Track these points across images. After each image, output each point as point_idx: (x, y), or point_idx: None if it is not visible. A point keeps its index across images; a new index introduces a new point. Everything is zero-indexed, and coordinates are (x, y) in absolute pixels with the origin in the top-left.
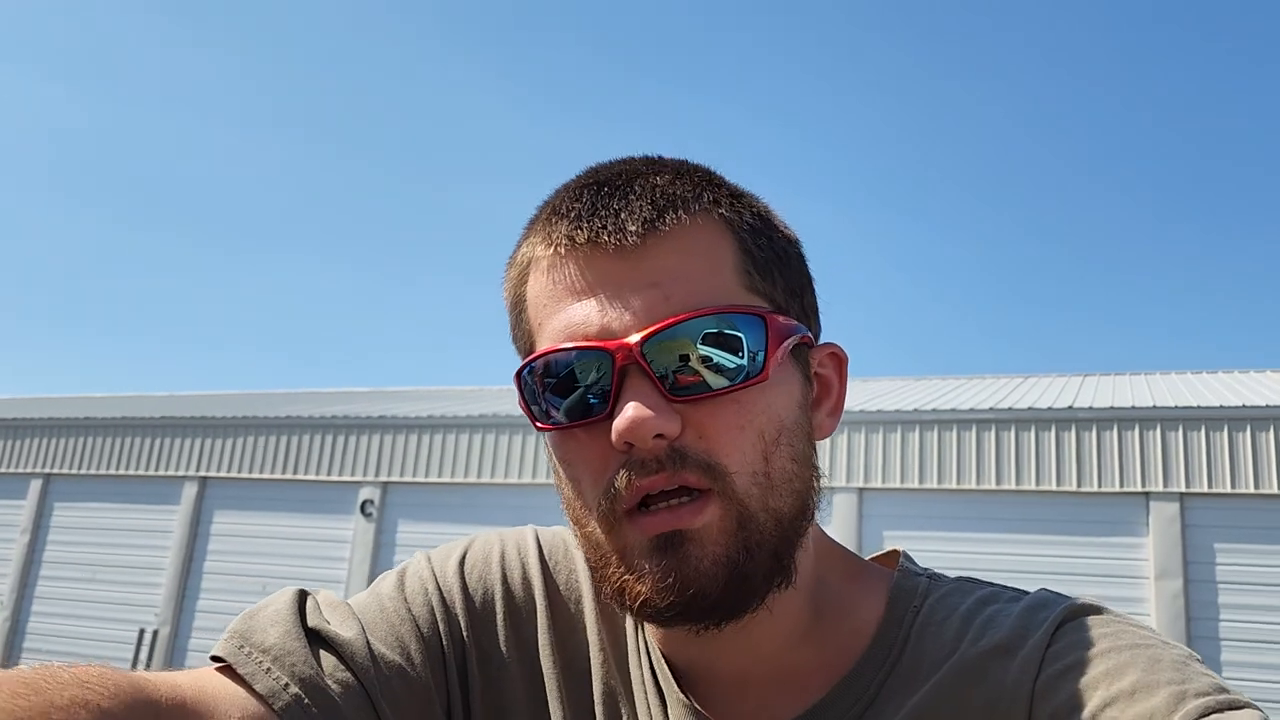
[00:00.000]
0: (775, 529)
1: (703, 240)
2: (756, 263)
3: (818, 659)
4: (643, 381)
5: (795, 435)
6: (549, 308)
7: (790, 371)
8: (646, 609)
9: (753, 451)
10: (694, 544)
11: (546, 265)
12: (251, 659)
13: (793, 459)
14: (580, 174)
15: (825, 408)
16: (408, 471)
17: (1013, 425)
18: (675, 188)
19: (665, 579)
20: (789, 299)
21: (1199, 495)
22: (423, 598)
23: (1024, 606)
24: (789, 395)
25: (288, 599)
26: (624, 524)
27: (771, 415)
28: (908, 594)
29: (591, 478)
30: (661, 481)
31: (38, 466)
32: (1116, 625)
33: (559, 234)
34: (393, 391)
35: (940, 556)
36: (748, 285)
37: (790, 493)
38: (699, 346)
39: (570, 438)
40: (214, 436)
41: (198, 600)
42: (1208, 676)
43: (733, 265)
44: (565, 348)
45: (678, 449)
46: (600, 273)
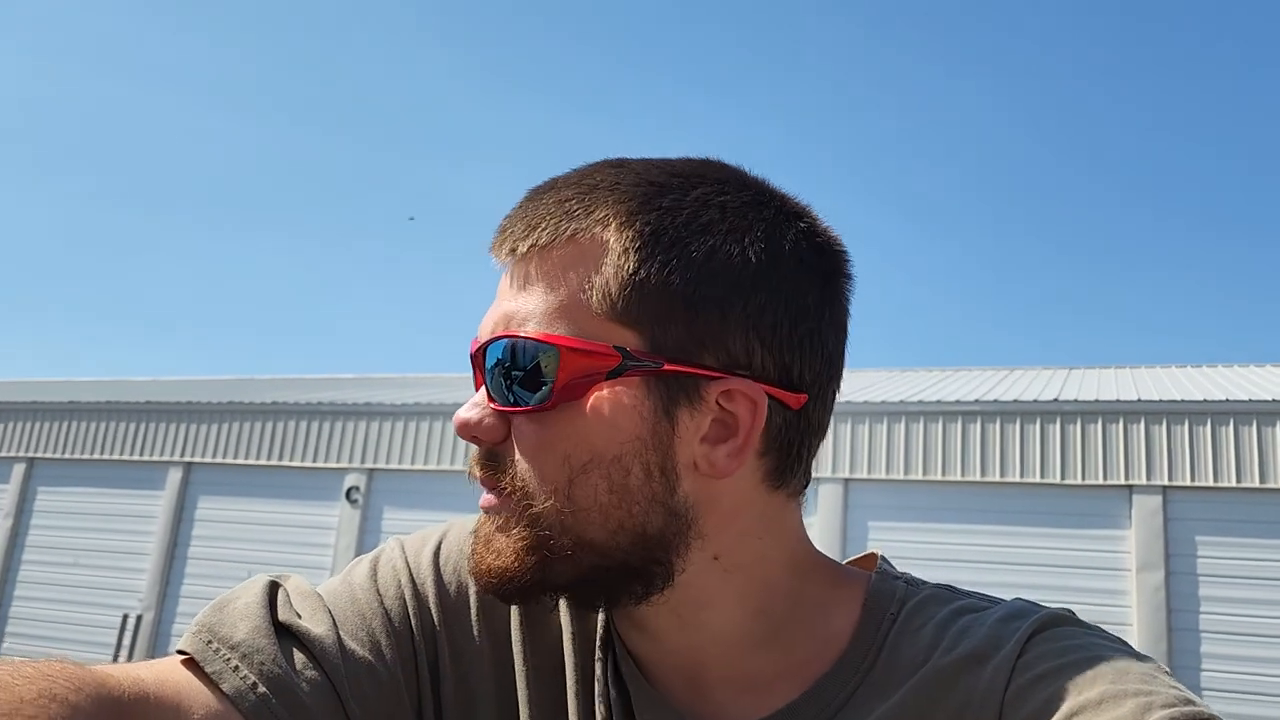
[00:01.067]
0: (578, 549)
1: (563, 261)
2: (628, 285)
3: (783, 664)
4: (482, 385)
5: (617, 468)
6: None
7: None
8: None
9: (555, 474)
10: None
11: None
12: (219, 655)
13: (610, 490)
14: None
15: (725, 447)
16: (393, 459)
17: (998, 417)
18: (566, 204)
19: (474, 553)
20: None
21: (1181, 488)
22: (395, 589)
23: (998, 617)
24: (614, 428)
25: (258, 591)
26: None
27: (580, 442)
28: (884, 600)
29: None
30: (480, 476)
31: (21, 450)
32: (1087, 637)
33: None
34: (379, 378)
35: (924, 548)
36: (604, 310)
37: (604, 520)
38: (505, 367)
39: None
40: (199, 422)
41: (181, 586)
42: (1175, 689)
43: (590, 287)
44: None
45: (494, 453)
46: (500, 277)
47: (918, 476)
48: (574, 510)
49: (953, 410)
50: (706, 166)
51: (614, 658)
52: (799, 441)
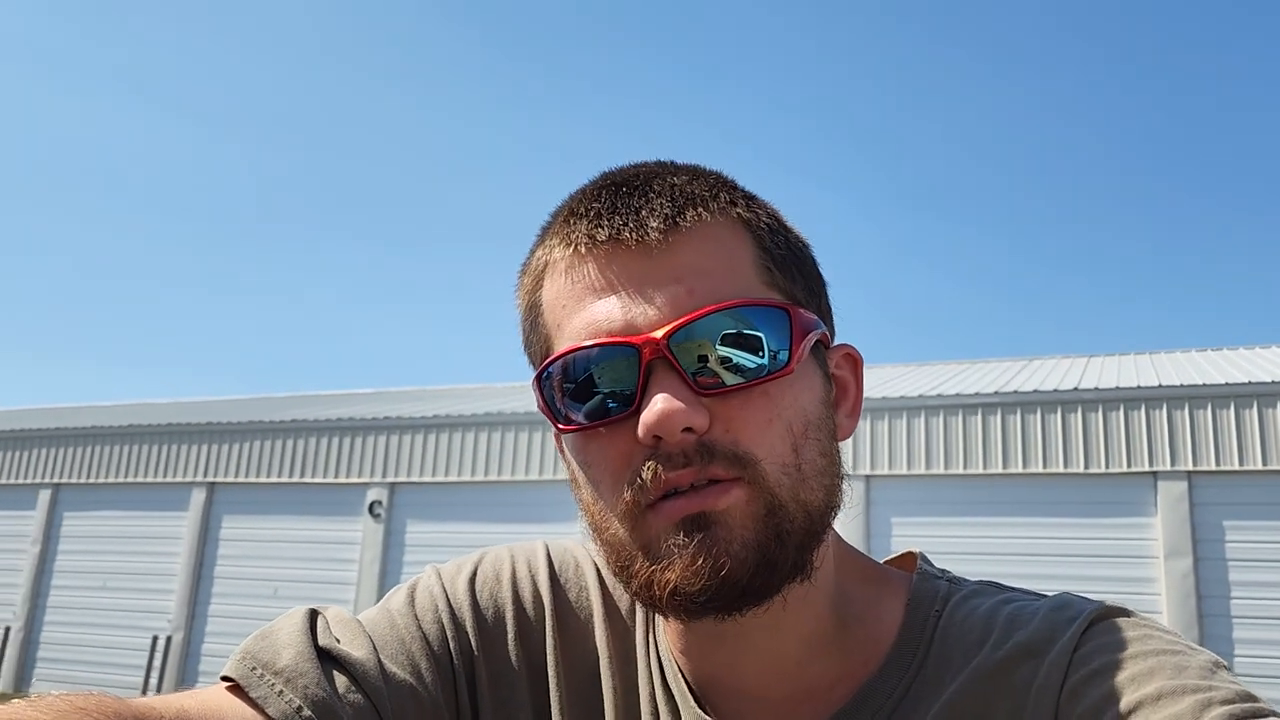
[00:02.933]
0: (804, 520)
1: (722, 238)
2: (775, 261)
3: (839, 669)
4: (670, 376)
5: (821, 431)
6: (569, 308)
7: (813, 368)
8: (677, 597)
9: (782, 444)
10: (721, 526)
11: (565, 266)
12: (264, 681)
13: (821, 454)
14: (594, 178)
15: (844, 408)
16: (414, 472)
17: (1018, 408)
18: (693, 187)
19: (694, 562)
20: (808, 297)
21: (1207, 473)
22: (433, 615)
23: (1048, 608)
24: (813, 391)
25: (299, 619)
26: (648, 515)
27: (798, 409)
28: (928, 598)
29: (614, 475)
30: (690, 475)
31: (46, 477)
32: (1143, 629)
33: (578, 234)
34: (398, 392)
35: (949, 541)
36: (768, 282)
37: (820, 486)
38: (724, 340)
39: (593, 437)
40: (221, 442)
41: (210, 605)
42: (1234, 684)
43: (752, 262)
44: (588, 345)
45: (706, 443)
46: (622, 270)
47: (940, 470)
48: (802, 479)
49: (973, 403)
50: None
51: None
52: None
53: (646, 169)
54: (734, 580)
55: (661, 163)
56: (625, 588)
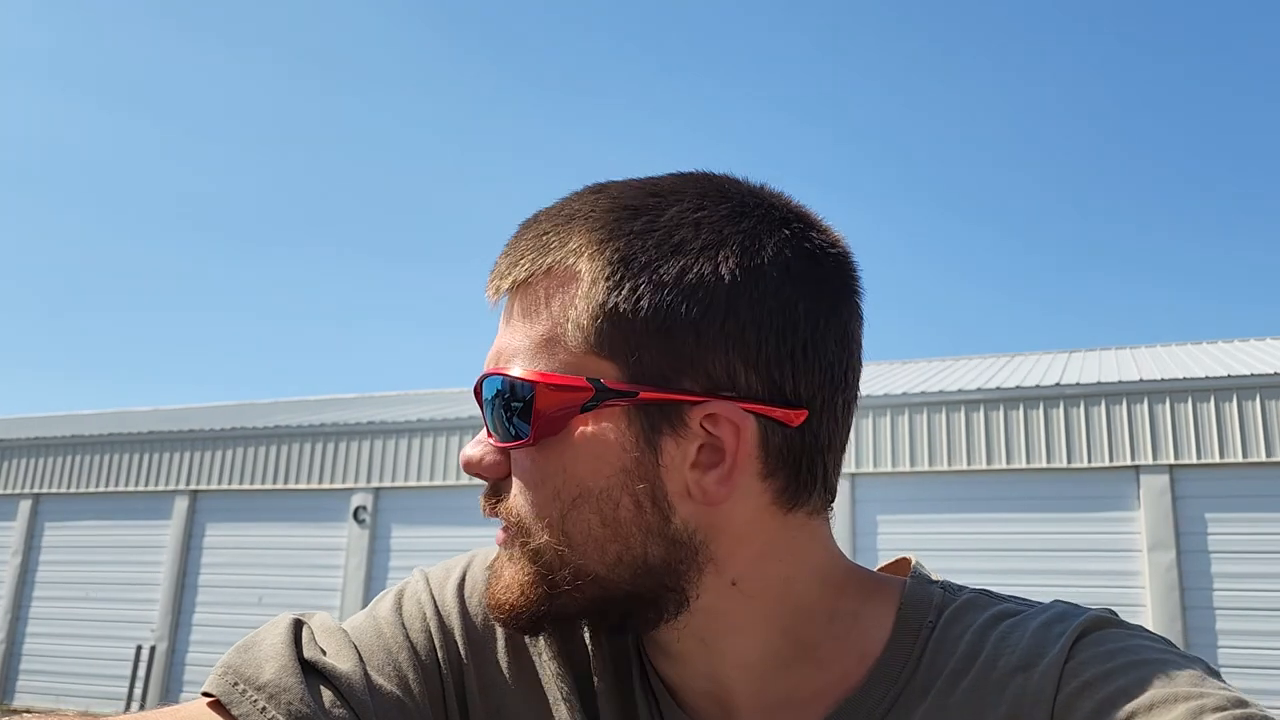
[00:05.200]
0: (580, 580)
1: (543, 296)
2: (605, 314)
3: (819, 680)
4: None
5: (606, 500)
6: None
7: (613, 435)
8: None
9: (550, 507)
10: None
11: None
12: (246, 697)
13: (602, 523)
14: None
15: (715, 473)
16: (399, 476)
17: (1001, 405)
18: (544, 238)
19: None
20: (651, 355)
21: (1188, 466)
22: (421, 623)
23: (1040, 621)
24: (598, 460)
25: (283, 629)
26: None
27: (568, 476)
28: (921, 608)
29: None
30: (488, 509)
31: (26, 487)
32: (1133, 639)
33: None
34: (380, 396)
35: (934, 538)
36: (582, 342)
37: (600, 553)
38: (496, 403)
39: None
40: (203, 449)
41: (194, 615)
42: (1225, 691)
43: (567, 320)
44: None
45: (498, 487)
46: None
47: (924, 468)
48: (570, 544)
49: (955, 400)
50: (688, 181)
51: (647, 683)
52: (808, 459)
53: (538, 214)
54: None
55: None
56: None
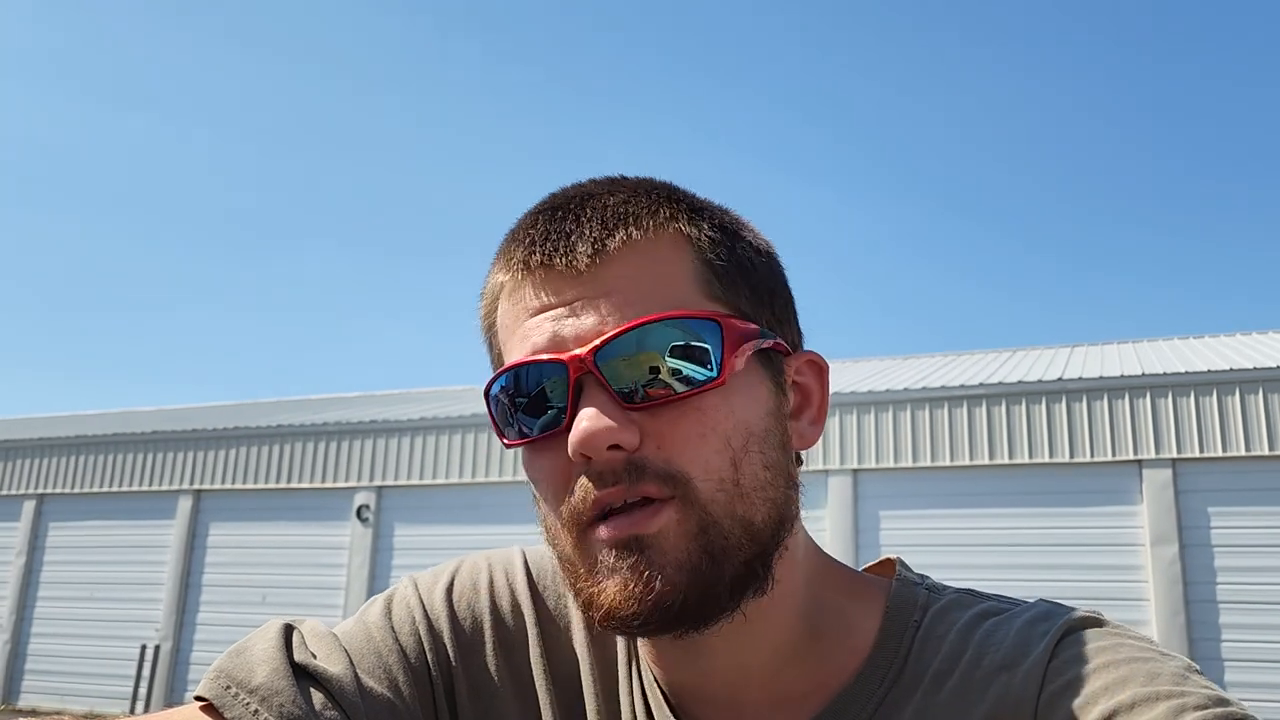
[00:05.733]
0: (744, 536)
1: (656, 254)
2: (716, 272)
3: (814, 678)
4: (598, 392)
5: (767, 443)
6: (510, 328)
7: (758, 378)
8: (612, 619)
9: (718, 459)
10: (653, 550)
11: (509, 290)
12: (238, 700)
13: (765, 466)
14: (538, 201)
15: (806, 416)
16: (401, 475)
17: (1003, 399)
18: (628, 206)
19: (626, 586)
20: (756, 307)
21: (1191, 460)
22: (410, 627)
23: (1024, 620)
24: (757, 402)
25: (273, 634)
26: (588, 534)
27: (737, 422)
28: (906, 607)
29: (555, 491)
30: (618, 494)
31: (31, 487)
32: (1115, 638)
33: (516, 259)
34: (383, 395)
35: (937, 534)
36: (707, 294)
37: (763, 501)
38: (652, 354)
39: (535, 452)
40: (206, 449)
41: (198, 614)
42: (1207, 689)
43: (689, 276)
44: (522, 362)
45: (636, 461)
46: (554, 292)
47: (926, 463)
48: (740, 494)
49: (958, 395)
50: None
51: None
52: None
53: (584, 189)
54: (666, 604)
55: (608, 179)
56: (576, 601)
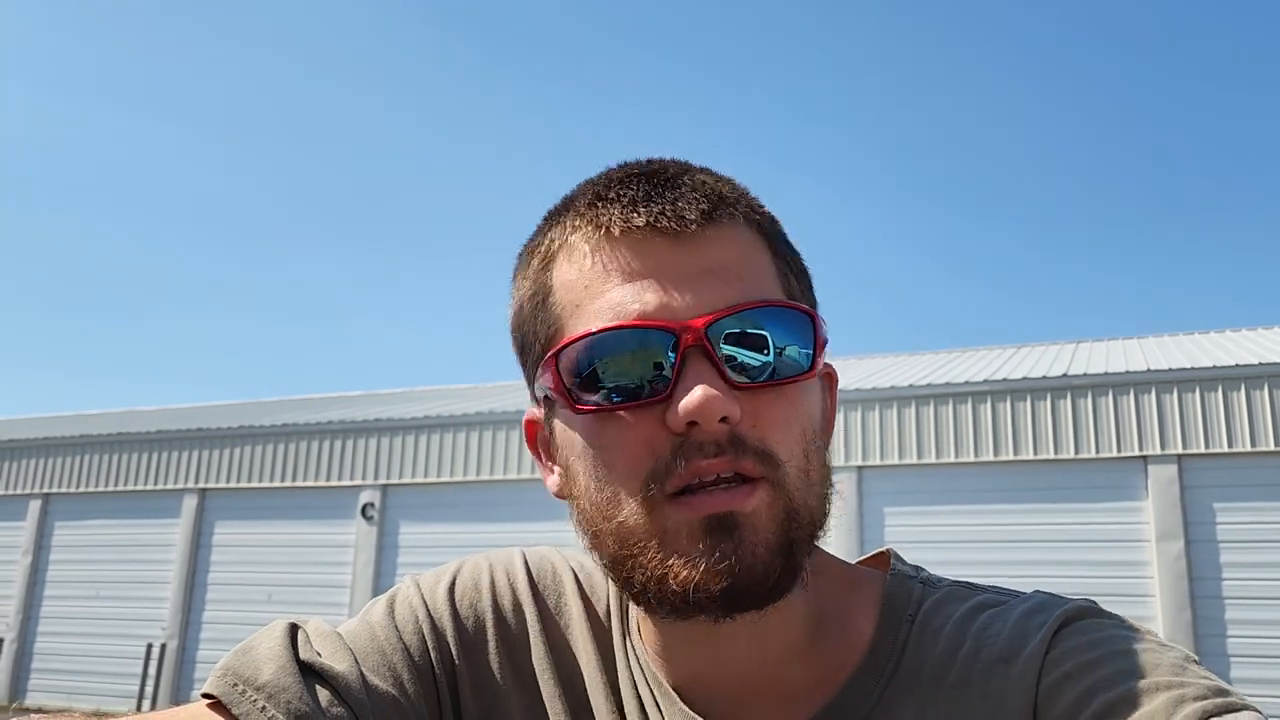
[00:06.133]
0: (811, 526)
1: (746, 241)
2: (789, 270)
3: (818, 672)
4: (705, 365)
5: (822, 439)
6: (593, 289)
7: (817, 379)
8: (697, 594)
9: (797, 447)
10: (748, 529)
11: (590, 249)
12: (245, 697)
13: (823, 463)
14: (615, 168)
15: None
16: (407, 473)
17: (1008, 395)
18: (720, 187)
19: (721, 562)
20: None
21: (1197, 456)
22: (414, 625)
23: (1020, 612)
24: (817, 401)
25: (279, 632)
26: (667, 506)
27: (810, 414)
28: (902, 601)
29: (631, 460)
30: (722, 465)
31: (36, 487)
32: (1113, 629)
33: (608, 217)
34: (388, 393)
35: (941, 530)
36: (785, 289)
37: (822, 494)
38: (759, 336)
39: (614, 420)
40: (211, 447)
41: (204, 612)
42: (1206, 679)
43: (771, 269)
44: (622, 325)
45: (737, 435)
46: (657, 257)
47: (931, 460)
48: (809, 484)
49: (962, 391)
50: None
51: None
52: None
53: (673, 164)
54: (753, 583)
55: (681, 161)
56: (623, 579)
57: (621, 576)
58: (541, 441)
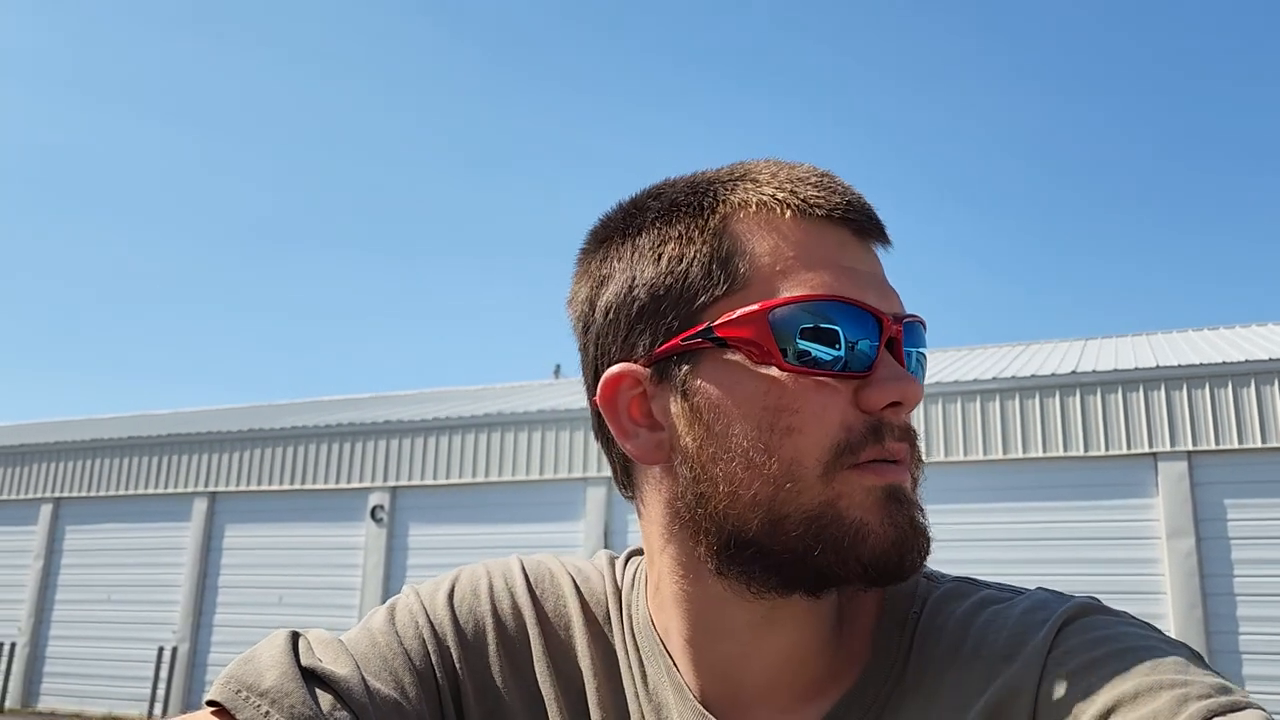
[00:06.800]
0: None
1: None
2: None
3: (832, 668)
4: (894, 356)
5: None
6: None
7: None
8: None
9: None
10: (912, 504)
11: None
12: (249, 703)
13: None
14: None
15: None
16: (415, 475)
17: (1017, 393)
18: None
19: (898, 532)
20: None
21: (1207, 453)
22: (414, 631)
23: (1023, 609)
24: None
25: (280, 641)
26: (846, 475)
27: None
28: (905, 597)
29: (826, 428)
30: (903, 450)
31: (47, 491)
32: (1117, 626)
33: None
34: (396, 396)
35: (952, 528)
36: None
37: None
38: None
39: (817, 386)
40: (221, 451)
41: (215, 615)
42: (1211, 677)
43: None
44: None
45: (908, 423)
46: (852, 250)
47: (940, 458)
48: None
49: (971, 389)
50: None
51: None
52: None
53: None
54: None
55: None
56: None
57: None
58: (634, 400)
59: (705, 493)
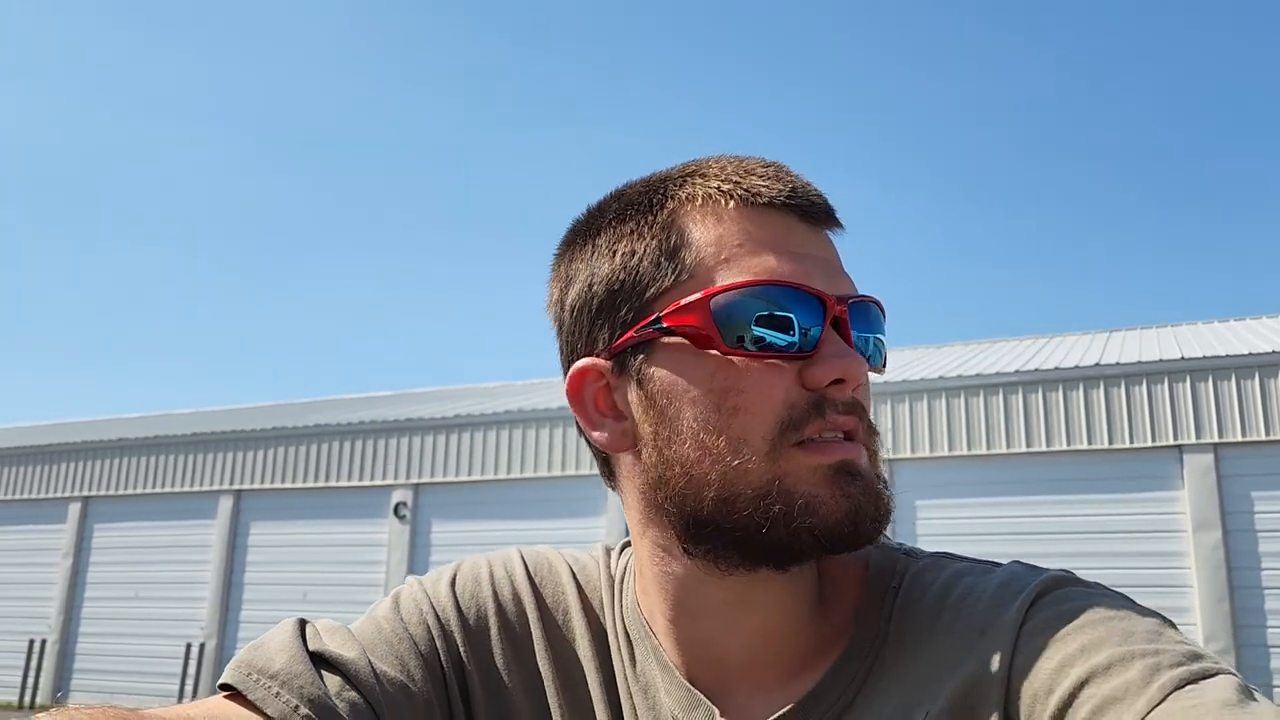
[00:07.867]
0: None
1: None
2: None
3: (815, 644)
4: (839, 336)
5: None
6: (745, 247)
7: None
8: (830, 535)
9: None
10: (864, 478)
11: (736, 213)
12: (260, 684)
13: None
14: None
15: None
16: (438, 472)
17: (1039, 386)
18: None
19: (851, 504)
20: None
21: (1232, 444)
22: (418, 618)
23: (997, 583)
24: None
25: (289, 628)
26: (795, 453)
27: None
28: (885, 571)
29: (770, 407)
30: (850, 423)
31: (76, 490)
32: (1089, 598)
33: (758, 188)
34: (418, 393)
35: (974, 523)
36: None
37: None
38: (875, 326)
39: (757, 367)
40: (246, 449)
41: (241, 612)
42: (1182, 644)
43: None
44: (789, 283)
45: (857, 401)
46: (799, 235)
47: (963, 452)
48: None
49: (994, 383)
50: None
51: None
52: None
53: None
54: (873, 523)
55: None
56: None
57: (729, 519)
58: (599, 393)
59: (665, 475)
